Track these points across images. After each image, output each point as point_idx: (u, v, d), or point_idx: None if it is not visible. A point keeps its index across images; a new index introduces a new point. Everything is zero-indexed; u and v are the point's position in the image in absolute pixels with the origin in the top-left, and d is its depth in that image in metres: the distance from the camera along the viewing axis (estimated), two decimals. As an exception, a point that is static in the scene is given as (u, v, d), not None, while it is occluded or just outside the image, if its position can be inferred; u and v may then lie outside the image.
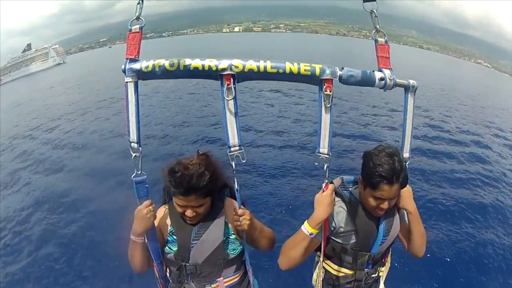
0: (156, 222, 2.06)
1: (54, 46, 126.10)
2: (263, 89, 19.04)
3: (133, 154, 1.88)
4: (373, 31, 2.01)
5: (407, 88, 2.05)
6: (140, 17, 1.82)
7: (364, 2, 1.98)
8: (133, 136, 1.86)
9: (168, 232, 2.15)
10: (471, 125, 15.55)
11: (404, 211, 2.25)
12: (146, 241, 2.03)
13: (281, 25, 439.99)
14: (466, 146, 11.76)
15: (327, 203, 1.99)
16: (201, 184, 1.90)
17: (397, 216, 2.30)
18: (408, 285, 4.99)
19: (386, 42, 2.01)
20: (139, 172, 1.89)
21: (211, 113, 14.49)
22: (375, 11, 1.97)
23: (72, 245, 5.86)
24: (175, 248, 2.12)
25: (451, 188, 8.12)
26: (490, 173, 9.34)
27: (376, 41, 2.01)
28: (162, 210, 2.20)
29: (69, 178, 8.84)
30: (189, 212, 1.98)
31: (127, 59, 1.81)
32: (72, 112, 17.42)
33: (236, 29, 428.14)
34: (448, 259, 5.61)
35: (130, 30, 1.83)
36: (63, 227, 6.39)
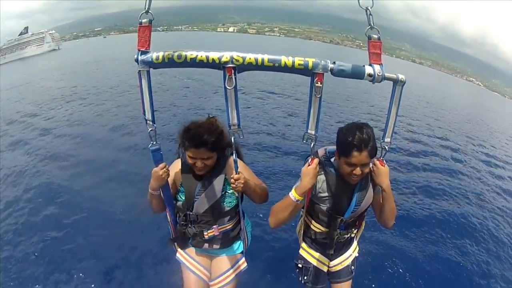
0: (171, 174, 2.58)
1: (50, 32, 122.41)
2: (257, 87, 19.50)
3: (149, 129, 2.24)
4: (367, 28, 2.09)
5: (395, 82, 2.20)
6: (149, 11, 2.01)
7: None
8: (148, 115, 2.20)
9: (180, 183, 2.67)
10: (451, 137, 15.86)
11: (379, 187, 2.52)
12: (161, 193, 2.54)
13: (275, 29, 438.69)
14: (441, 158, 12.01)
15: (311, 175, 2.30)
16: (211, 139, 2.36)
17: (370, 190, 2.61)
18: (379, 246, 5.43)
19: (379, 38, 2.11)
20: (154, 143, 2.31)
21: (206, 107, 14.73)
22: (370, 9, 2.06)
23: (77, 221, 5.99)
24: (183, 197, 2.66)
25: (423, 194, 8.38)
26: (460, 183, 9.63)
27: (369, 37, 2.10)
28: (177, 164, 2.72)
29: (66, 164, 8.73)
30: (199, 163, 2.44)
31: (139, 50, 2.04)
32: (71, 101, 17.08)
33: (231, 29, 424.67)
34: (418, 226, 6.28)
35: (141, 23, 2.02)
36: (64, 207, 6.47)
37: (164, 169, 2.37)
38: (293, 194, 2.35)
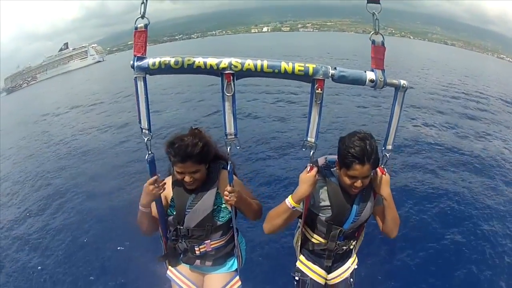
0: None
1: (92, 45, 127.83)
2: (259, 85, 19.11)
3: (145, 138, 2.16)
4: (372, 33, 2.03)
5: (397, 88, 2.12)
6: (145, 16, 1.95)
7: (368, 3, 2.00)
8: (144, 123, 2.12)
9: (170, 198, 2.57)
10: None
11: (380, 196, 2.41)
12: (153, 210, 2.46)
13: (308, 25, 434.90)
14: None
15: (310, 183, 2.23)
16: (195, 152, 2.28)
17: (371, 200, 2.50)
18: (379, 258, 5.10)
19: (382, 44, 2.05)
20: (150, 153, 2.22)
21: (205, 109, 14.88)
22: (376, 14, 2.01)
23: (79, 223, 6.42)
24: (174, 212, 2.55)
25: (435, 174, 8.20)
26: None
27: (373, 42, 2.05)
28: (167, 180, 2.55)
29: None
30: (187, 178, 2.36)
31: (135, 56, 1.98)
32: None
33: (265, 29, 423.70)
34: (421, 238, 5.74)
35: (136, 28, 1.96)
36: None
37: (155, 184, 2.28)
38: (289, 201, 2.29)
